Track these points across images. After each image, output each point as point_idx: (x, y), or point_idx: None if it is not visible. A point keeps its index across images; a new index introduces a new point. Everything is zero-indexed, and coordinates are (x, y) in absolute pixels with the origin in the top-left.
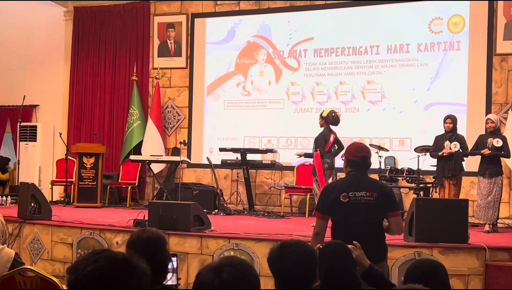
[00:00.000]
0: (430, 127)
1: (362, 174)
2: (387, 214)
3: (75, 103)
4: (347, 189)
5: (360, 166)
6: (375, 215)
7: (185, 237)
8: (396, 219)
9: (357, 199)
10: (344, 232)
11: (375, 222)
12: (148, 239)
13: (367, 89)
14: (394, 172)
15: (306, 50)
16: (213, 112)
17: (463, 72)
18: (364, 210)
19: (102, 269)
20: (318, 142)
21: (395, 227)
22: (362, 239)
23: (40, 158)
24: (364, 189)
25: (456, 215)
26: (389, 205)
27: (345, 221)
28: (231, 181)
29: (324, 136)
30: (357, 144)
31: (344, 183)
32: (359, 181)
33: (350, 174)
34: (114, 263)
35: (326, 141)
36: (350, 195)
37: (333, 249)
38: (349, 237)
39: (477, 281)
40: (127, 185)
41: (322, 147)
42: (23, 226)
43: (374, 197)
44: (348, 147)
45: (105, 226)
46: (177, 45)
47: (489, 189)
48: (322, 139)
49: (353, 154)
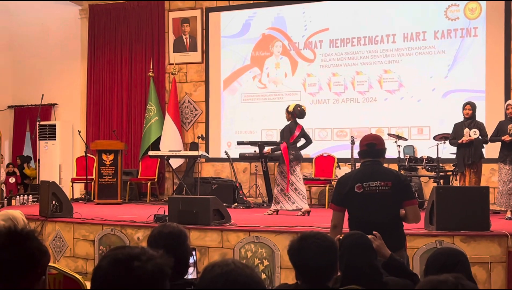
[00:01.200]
0: (449, 115)
1: (375, 164)
2: (403, 203)
3: (93, 100)
4: (361, 180)
5: (369, 154)
6: (390, 204)
7: (205, 231)
8: (412, 208)
9: (372, 189)
10: (361, 223)
11: (391, 211)
12: (169, 234)
13: (384, 79)
14: (414, 161)
15: (321, 41)
16: (230, 106)
17: (480, 59)
18: (379, 199)
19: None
20: (284, 134)
21: (412, 216)
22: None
23: (60, 156)
24: (379, 178)
25: (477, 203)
26: (405, 194)
27: (361, 212)
28: (249, 174)
29: (289, 128)
30: (366, 135)
31: (358, 174)
32: (372, 171)
33: (364, 164)
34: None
35: (291, 133)
36: (365, 185)
37: (353, 240)
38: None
39: (500, 268)
40: (146, 181)
41: (287, 139)
42: (45, 224)
43: (389, 186)
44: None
45: (126, 222)
46: (192, 40)
47: (510, 176)
48: (287, 131)
49: (360, 145)
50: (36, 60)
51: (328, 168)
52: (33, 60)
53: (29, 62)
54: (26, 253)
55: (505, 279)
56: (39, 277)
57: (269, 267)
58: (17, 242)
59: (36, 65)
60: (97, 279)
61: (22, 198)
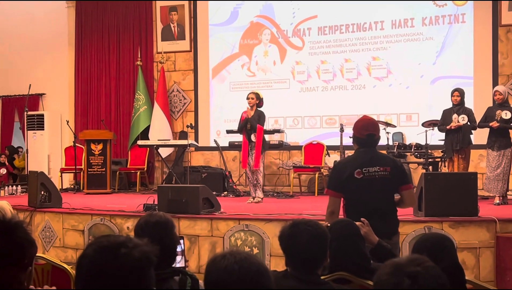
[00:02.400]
0: (437, 102)
1: (372, 150)
2: (400, 187)
3: (81, 90)
4: (361, 165)
5: (367, 144)
6: (388, 189)
7: (195, 220)
8: (409, 192)
9: (371, 175)
10: (358, 208)
11: (389, 197)
12: (156, 223)
13: (372, 66)
14: (402, 148)
15: (310, 29)
16: (219, 94)
17: (468, 45)
18: (379, 185)
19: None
20: (261, 119)
21: (409, 200)
22: (376, 215)
23: (49, 147)
24: (377, 164)
25: (466, 189)
26: (402, 179)
27: (359, 197)
28: (239, 163)
29: (263, 114)
30: (364, 120)
31: (357, 160)
32: (371, 157)
33: (360, 150)
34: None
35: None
36: (364, 171)
37: (341, 227)
38: (363, 213)
39: (488, 253)
40: (136, 170)
41: (263, 124)
42: (34, 214)
43: (388, 171)
44: (356, 123)
45: (116, 211)
46: (180, 28)
47: (498, 162)
48: (263, 116)
49: (359, 132)
50: (23, 49)
51: (317, 156)
52: (20, 49)
53: (16, 52)
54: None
55: (493, 264)
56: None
57: (259, 255)
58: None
59: (23, 54)
60: (83, 266)
61: (11, 189)
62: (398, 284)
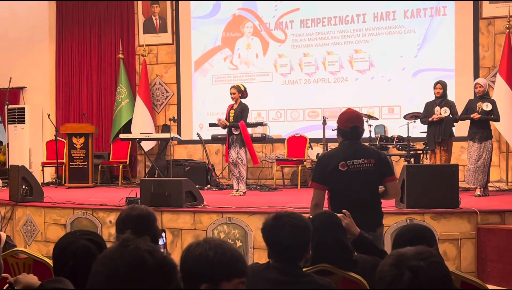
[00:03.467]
0: (419, 94)
1: (356, 142)
2: (385, 179)
3: (62, 83)
4: (345, 158)
5: (351, 136)
6: (373, 181)
7: (178, 213)
8: (393, 184)
9: (356, 167)
10: (343, 200)
11: (374, 188)
12: (137, 216)
13: (355, 58)
14: (385, 140)
15: (292, 22)
16: (201, 88)
17: (450, 38)
18: (363, 177)
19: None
20: (243, 113)
21: (393, 191)
22: (361, 207)
23: (30, 140)
24: (362, 156)
25: (447, 181)
26: (386, 171)
27: (344, 190)
28: (222, 156)
29: (247, 108)
30: (348, 112)
31: (341, 152)
32: (355, 149)
33: (344, 143)
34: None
35: (248, 111)
36: (349, 163)
37: (323, 219)
38: (348, 205)
39: (469, 244)
40: (118, 164)
41: (246, 118)
42: (15, 209)
43: (372, 163)
44: (340, 115)
45: (98, 205)
46: (162, 21)
47: (479, 153)
48: (246, 110)
49: (344, 124)
50: (3, 42)
51: (300, 149)
52: (0, 43)
53: None
54: None
55: (474, 255)
56: None
57: (242, 247)
58: None
59: (3, 48)
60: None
61: None
62: (398, 277)
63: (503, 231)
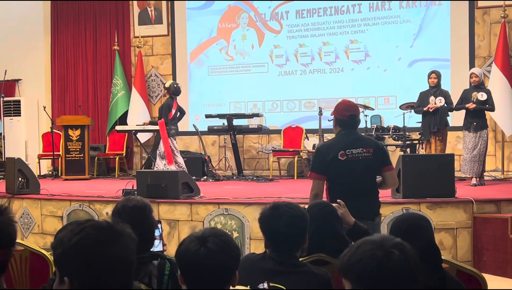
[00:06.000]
0: (415, 84)
1: (353, 132)
2: (383, 168)
3: (58, 75)
4: (344, 147)
5: (349, 125)
6: (372, 170)
7: (174, 205)
8: (391, 173)
9: (355, 156)
10: (342, 190)
11: (372, 178)
12: (133, 207)
13: (350, 49)
14: (380, 131)
15: (288, 12)
16: (197, 79)
17: (445, 27)
18: (362, 166)
19: (90, 238)
20: (163, 111)
21: (391, 181)
22: (359, 196)
23: (26, 133)
24: (360, 146)
25: (443, 170)
26: (384, 160)
27: (343, 179)
28: (218, 147)
29: (168, 105)
30: (345, 102)
31: (340, 142)
32: (354, 139)
33: (341, 133)
34: (100, 230)
35: (170, 109)
36: (348, 152)
37: (319, 209)
38: (347, 195)
39: (465, 234)
40: (114, 156)
41: (166, 115)
42: (12, 201)
43: (371, 153)
44: (337, 105)
45: (94, 197)
46: (157, 12)
47: (474, 143)
48: (166, 108)
49: (341, 113)
50: None
51: (296, 140)
52: None
53: None
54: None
55: (470, 245)
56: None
57: (239, 238)
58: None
59: None
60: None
61: None
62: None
63: (499, 220)
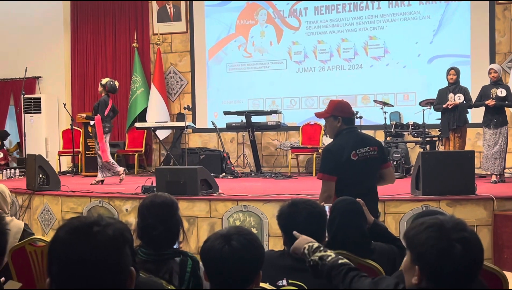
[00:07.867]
0: (434, 80)
1: (356, 130)
2: (384, 165)
3: (77, 72)
4: (355, 147)
5: (353, 122)
6: (376, 168)
7: (193, 201)
8: (390, 170)
9: (364, 156)
10: (353, 189)
11: (375, 176)
12: (162, 204)
13: (369, 45)
14: (400, 127)
15: (306, 8)
16: (216, 76)
17: (465, 23)
18: (370, 165)
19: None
20: (99, 107)
21: (390, 177)
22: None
23: (46, 130)
24: (367, 144)
25: (463, 167)
26: (385, 157)
27: (353, 178)
28: (237, 144)
29: (104, 102)
30: (343, 101)
31: (349, 141)
32: (361, 138)
33: (346, 131)
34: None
35: (106, 106)
36: (358, 152)
37: (346, 205)
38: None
39: (485, 231)
40: (133, 153)
41: (103, 112)
42: (32, 197)
43: (376, 151)
44: (338, 106)
45: (114, 194)
46: (176, 9)
47: (495, 140)
48: (103, 104)
49: (348, 111)
50: (18, 32)
51: (315, 136)
52: (16, 32)
53: (11, 35)
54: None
55: (490, 242)
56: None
57: (258, 235)
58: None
59: (19, 37)
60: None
61: (9, 172)
62: (447, 250)
63: None
